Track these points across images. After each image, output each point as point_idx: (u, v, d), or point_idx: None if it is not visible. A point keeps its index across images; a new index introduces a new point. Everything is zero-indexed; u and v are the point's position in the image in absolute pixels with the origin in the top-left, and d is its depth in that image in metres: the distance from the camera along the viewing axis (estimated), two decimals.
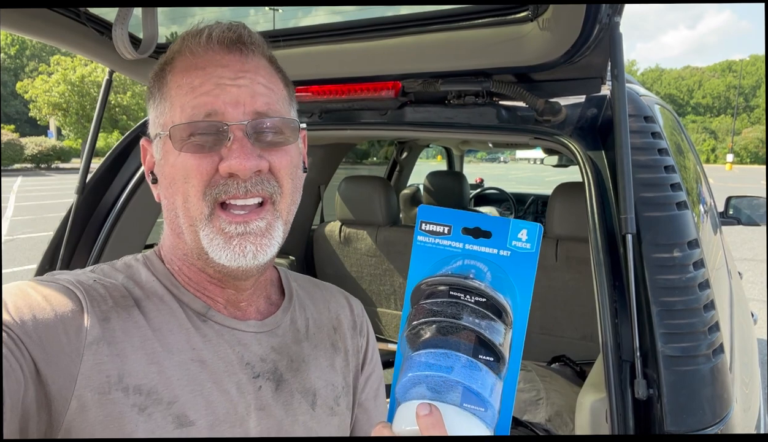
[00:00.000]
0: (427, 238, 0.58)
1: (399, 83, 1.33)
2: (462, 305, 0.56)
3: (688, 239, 0.97)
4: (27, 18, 1.14)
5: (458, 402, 0.54)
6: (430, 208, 0.58)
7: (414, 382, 0.55)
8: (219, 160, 0.69)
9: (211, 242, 0.69)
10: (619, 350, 0.93)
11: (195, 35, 0.72)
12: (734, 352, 1.10)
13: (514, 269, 0.56)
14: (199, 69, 0.70)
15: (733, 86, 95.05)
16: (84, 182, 1.56)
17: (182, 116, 0.70)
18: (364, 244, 2.58)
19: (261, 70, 0.73)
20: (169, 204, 0.74)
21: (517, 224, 0.56)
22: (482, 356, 0.55)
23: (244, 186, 0.69)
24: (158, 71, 0.75)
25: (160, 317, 0.72)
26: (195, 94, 0.69)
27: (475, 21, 1.11)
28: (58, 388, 0.62)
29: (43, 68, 38.79)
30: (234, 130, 0.68)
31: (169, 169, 0.72)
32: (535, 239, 0.56)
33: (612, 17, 0.95)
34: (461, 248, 0.58)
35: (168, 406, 0.67)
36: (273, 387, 0.77)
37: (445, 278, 0.57)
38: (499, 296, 0.56)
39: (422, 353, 0.56)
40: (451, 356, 0.55)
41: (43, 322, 0.63)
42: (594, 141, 1.15)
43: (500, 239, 0.57)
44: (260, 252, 0.70)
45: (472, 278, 0.57)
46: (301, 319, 0.86)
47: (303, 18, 1.43)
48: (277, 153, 0.72)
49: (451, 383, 0.54)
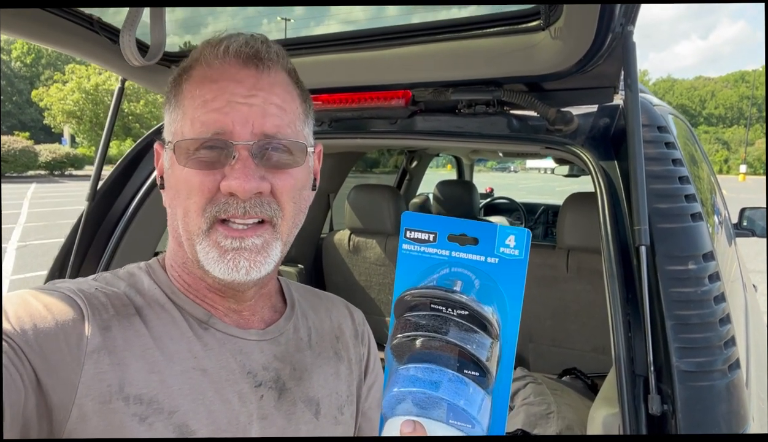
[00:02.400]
0: (412, 246, 0.57)
1: (409, 92, 1.33)
2: (444, 318, 0.54)
3: (703, 251, 0.95)
4: (40, 26, 1.15)
5: (444, 419, 0.53)
6: (413, 215, 0.57)
7: (399, 398, 0.54)
8: (221, 177, 0.68)
9: (207, 255, 0.69)
10: (633, 364, 0.91)
11: (213, 46, 0.71)
12: (750, 367, 1.07)
13: (503, 277, 0.55)
14: (213, 82, 0.70)
15: (746, 97, 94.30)
16: (95, 189, 1.56)
17: (192, 129, 0.69)
18: (373, 253, 2.57)
19: (276, 88, 0.72)
20: (172, 213, 0.74)
21: (504, 229, 0.55)
22: (468, 371, 0.53)
23: (243, 206, 0.68)
24: (176, 77, 0.75)
25: (162, 326, 0.71)
26: (206, 108, 0.69)
27: (486, 30, 1.10)
28: (59, 397, 0.61)
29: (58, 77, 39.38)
30: (239, 149, 0.68)
31: (174, 181, 0.72)
32: (524, 245, 0.55)
33: (625, 26, 0.94)
34: (447, 255, 0.56)
35: (169, 415, 0.66)
36: (275, 396, 0.76)
37: (428, 290, 0.56)
38: (484, 309, 0.55)
39: (409, 367, 0.55)
40: (436, 371, 0.53)
41: (43, 331, 0.62)
42: (606, 151, 1.13)
43: (487, 245, 0.55)
44: (253, 269, 0.70)
45: (455, 291, 0.55)
46: (304, 327, 0.86)
47: (315, 28, 1.43)
48: (281, 175, 0.71)
49: (435, 400, 0.53)
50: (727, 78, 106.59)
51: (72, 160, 27.40)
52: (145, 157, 1.71)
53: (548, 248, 2.22)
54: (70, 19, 1.18)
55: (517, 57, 1.11)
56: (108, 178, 1.67)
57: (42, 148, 26.74)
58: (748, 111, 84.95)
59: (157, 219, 1.74)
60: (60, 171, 26.96)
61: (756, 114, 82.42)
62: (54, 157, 26.38)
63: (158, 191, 1.64)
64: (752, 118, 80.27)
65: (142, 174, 1.70)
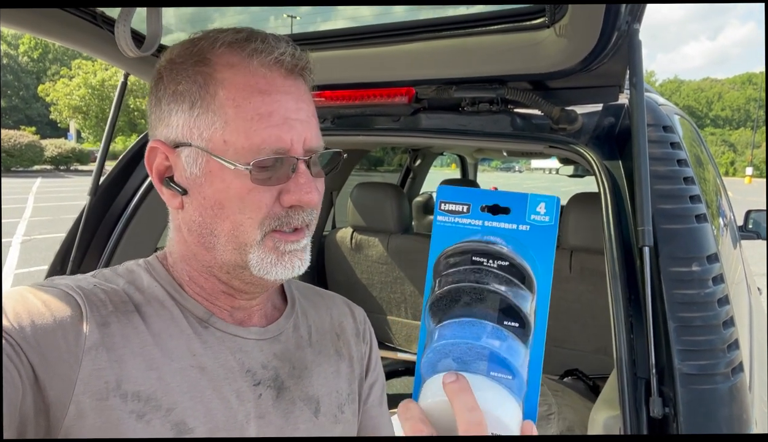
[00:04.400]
0: (446, 217, 0.58)
1: (413, 89, 1.32)
2: (485, 270, 0.55)
3: (708, 253, 0.94)
4: (42, 19, 1.15)
5: (485, 371, 0.53)
6: (449, 188, 0.58)
7: (439, 355, 0.54)
8: (278, 192, 0.69)
9: (263, 260, 0.70)
10: (635, 366, 0.90)
11: (252, 52, 0.68)
12: (754, 370, 1.06)
13: (534, 243, 0.56)
14: (263, 94, 0.67)
15: (754, 99, 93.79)
16: (97, 184, 1.56)
17: (249, 144, 0.66)
18: (376, 251, 2.57)
19: (306, 95, 0.73)
20: (205, 223, 0.70)
21: (535, 197, 0.56)
22: (508, 323, 0.53)
23: (303, 217, 0.71)
24: (205, 79, 0.69)
25: (160, 322, 0.71)
26: (264, 124, 0.67)
27: (490, 27, 1.09)
28: (57, 394, 0.61)
29: (64, 72, 39.52)
30: (300, 164, 0.70)
31: (216, 193, 0.69)
32: (554, 212, 0.56)
33: (631, 24, 0.93)
34: (480, 225, 0.57)
35: (167, 413, 0.66)
36: (274, 395, 0.76)
37: (466, 244, 0.57)
38: (523, 261, 0.55)
39: (446, 324, 0.55)
40: (476, 324, 0.54)
41: (41, 327, 0.62)
42: (611, 150, 1.12)
43: (519, 213, 0.56)
44: (303, 266, 0.74)
45: (495, 242, 0.56)
46: (304, 325, 0.86)
47: (321, 24, 1.43)
48: (320, 183, 0.74)
49: (476, 350, 0.53)
50: (735, 80, 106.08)
51: (77, 155, 27.53)
52: None
53: None
54: (73, 13, 1.18)
55: (521, 55, 1.10)
56: (110, 173, 1.67)
57: (48, 143, 26.88)
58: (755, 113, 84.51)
59: (159, 215, 1.73)
60: (65, 166, 27.10)
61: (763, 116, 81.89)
62: (60, 152, 26.51)
63: None
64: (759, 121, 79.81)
65: (144, 170, 1.70)
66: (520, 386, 0.53)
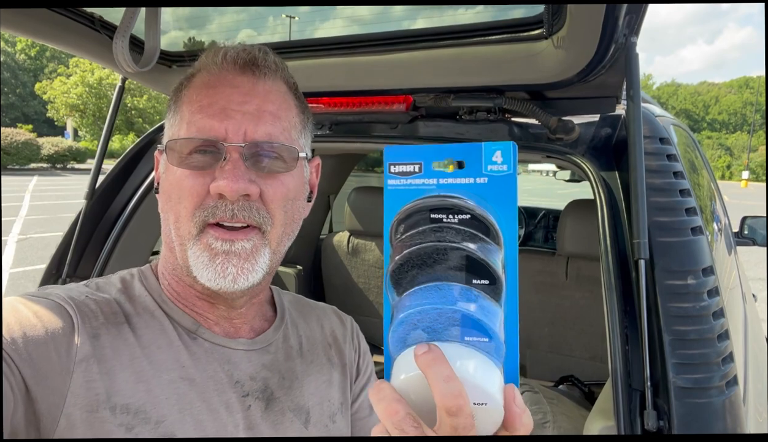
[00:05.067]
0: (397, 180, 0.54)
1: (410, 97, 1.32)
2: (445, 227, 0.50)
3: (703, 266, 0.94)
4: (40, 23, 1.15)
5: (458, 337, 0.48)
6: (396, 148, 0.53)
7: (407, 327, 0.50)
8: (211, 180, 0.68)
9: (197, 260, 0.69)
10: (629, 377, 0.90)
11: (213, 54, 0.72)
12: (748, 383, 1.07)
13: (494, 195, 0.51)
14: (210, 88, 0.71)
15: (750, 103, 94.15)
16: (93, 187, 1.56)
17: (186, 133, 0.70)
18: (372, 255, 2.56)
19: (272, 95, 0.72)
20: (165, 219, 0.74)
21: (489, 146, 0.52)
22: (477, 281, 0.49)
23: (231, 209, 0.68)
24: (178, 86, 0.76)
25: (150, 334, 0.71)
26: (202, 114, 0.69)
27: (488, 37, 1.09)
28: (48, 406, 0.61)
29: (62, 70, 39.41)
30: (230, 150, 0.68)
31: (167, 186, 0.72)
32: (511, 159, 0.51)
33: (628, 36, 0.93)
34: (435, 183, 0.53)
35: (156, 425, 0.66)
36: (262, 406, 0.76)
37: (420, 201, 0.52)
38: (485, 212, 0.51)
39: (409, 293, 0.50)
40: (442, 288, 0.49)
41: (33, 339, 0.62)
42: (607, 161, 1.12)
43: (475, 166, 0.52)
44: (240, 276, 0.69)
45: (451, 196, 0.51)
46: (294, 336, 0.86)
47: (319, 27, 1.43)
48: (272, 181, 0.71)
49: (447, 316, 0.49)
50: (732, 83, 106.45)
51: (74, 153, 27.44)
52: (145, 156, 1.71)
53: (548, 254, 2.21)
54: (70, 17, 1.18)
55: (519, 65, 1.10)
56: (107, 176, 1.66)
57: (45, 141, 26.77)
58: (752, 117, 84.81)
59: (155, 219, 1.72)
60: (62, 164, 26.99)
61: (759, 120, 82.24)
62: (56, 151, 26.41)
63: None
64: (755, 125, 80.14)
65: (141, 172, 1.69)
66: (498, 348, 0.49)
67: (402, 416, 0.45)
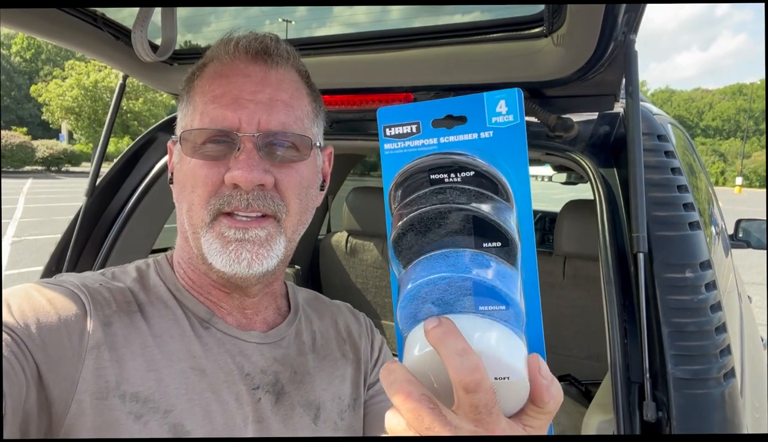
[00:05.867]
0: (394, 144, 0.49)
1: (410, 95, 1.33)
2: (447, 188, 0.45)
3: (701, 259, 0.95)
4: (43, 21, 1.15)
5: (472, 307, 0.43)
6: (390, 109, 0.48)
7: (416, 301, 0.45)
8: (226, 170, 0.68)
9: (210, 247, 0.69)
10: (628, 370, 0.91)
11: (224, 43, 0.73)
12: (745, 377, 1.08)
13: (502, 149, 0.46)
14: (223, 77, 0.71)
15: (744, 109, 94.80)
16: (93, 185, 1.56)
17: (200, 123, 0.70)
18: (371, 255, 2.57)
19: (284, 84, 0.72)
20: (179, 209, 0.75)
21: (491, 95, 0.47)
22: (488, 244, 0.44)
23: (246, 199, 0.68)
24: (190, 76, 0.76)
25: (162, 323, 0.72)
26: (216, 104, 0.70)
27: (488, 35, 1.11)
28: (59, 392, 0.62)
29: (57, 73, 39.29)
30: (244, 141, 0.68)
31: (181, 176, 0.73)
32: (517, 107, 0.46)
33: (627, 34, 0.95)
34: (436, 143, 0.48)
35: (164, 415, 0.66)
36: (273, 400, 0.76)
37: (417, 162, 0.47)
38: (491, 167, 0.45)
39: (415, 264, 0.45)
40: (450, 255, 0.44)
41: (46, 326, 0.63)
42: (606, 158, 1.14)
43: (478, 119, 0.47)
44: (255, 261, 0.69)
45: (450, 154, 0.46)
46: (307, 332, 0.86)
47: (317, 29, 1.43)
48: (286, 170, 0.71)
49: (458, 285, 0.43)
50: (725, 90, 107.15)
51: (69, 156, 27.36)
52: (144, 154, 1.71)
53: (545, 254, 2.22)
54: (74, 15, 1.18)
55: (519, 63, 1.11)
56: (107, 174, 1.66)
57: (39, 143, 26.69)
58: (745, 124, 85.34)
59: (155, 217, 1.73)
60: (57, 167, 26.91)
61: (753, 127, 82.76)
62: (51, 153, 26.33)
63: (157, 188, 1.65)
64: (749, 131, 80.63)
65: (141, 170, 1.69)
66: (517, 315, 0.44)
67: (416, 398, 0.41)
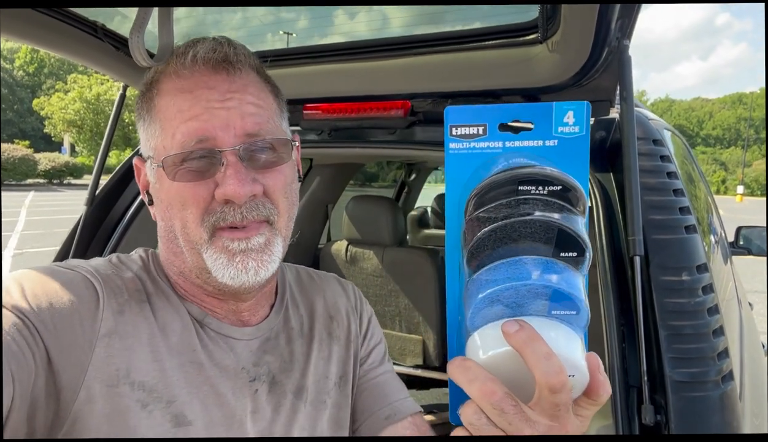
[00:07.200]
0: (460, 144, 0.50)
1: (408, 102, 1.34)
2: (532, 200, 0.47)
3: (697, 262, 0.96)
4: (43, 31, 1.16)
5: (546, 311, 0.47)
6: (459, 109, 0.49)
7: (487, 303, 0.47)
8: (214, 186, 0.68)
9: (215, 261, 0.69)
10: (626, 374, 0.91)
11: (180, 55, 0.71)
12: (744, 381, 1.07)
13: (566, 158, 0.48)
14: (186, 92, 0.70)
15: (744, 118, 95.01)
16: (93, 194, 1.57)
17: (173, 143, 0.69)
18: (370, 264, 2.57)
19: (249, 88, 0.73)
20: (167, 226, 0.74)
21: (561, 106, 0.49)
22: (565, 254, 0.47)
23: (240, 212, 0.69)
24: (145, 92, 0.75)
25: (167, 315, 0.73)
26: (184, 118, 0.69)
27: (484, 42, 1.12)
28: (69, 378, 0.62)
29: (59, 86, 39.56)
30: (227, 155, 0.68)
31: (165, 195, 0.72)
32: (584, 120, 0.48)
33: (621, 40, 0.96)
34: (501, 147, 0.49)
35: (167, 405, 0.67)
36: (267, 390, 0.78)
37: (507, 173, 0.47)
38: (573, 180, 0.47)
39: (490, 268, 0.47)
40: (528, 262, 0.46)
41: (59, 311, 0.63)
42: (602, 163, 1.14)
43: (544, 127, 0.49)
44: (262, 268, 0.70)
45: (538, 165, 0.47)
46: (295, 316, 0.87)
47: (318, 41, 1.45)
48: (271, 174, 0.72)
49: (535, 291, 0.46)
50: (725, 99, 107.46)
51: (71, 169, 27.46)
52: None
53: None
54: (74, 25, 1.20)
55: (514, 70, 1.12)
56: (107, 183, 1.67)
57: (41, 156, 26.81)
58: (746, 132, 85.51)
59: (154, 226, 1.74)
60: (59, 180, 27.01)
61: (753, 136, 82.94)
62: (53, 166, 26.44)
63: None
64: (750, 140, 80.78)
65: None
66: (582, 319, 0.48)
67: (500, 396, 0.45)
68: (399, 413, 0.87)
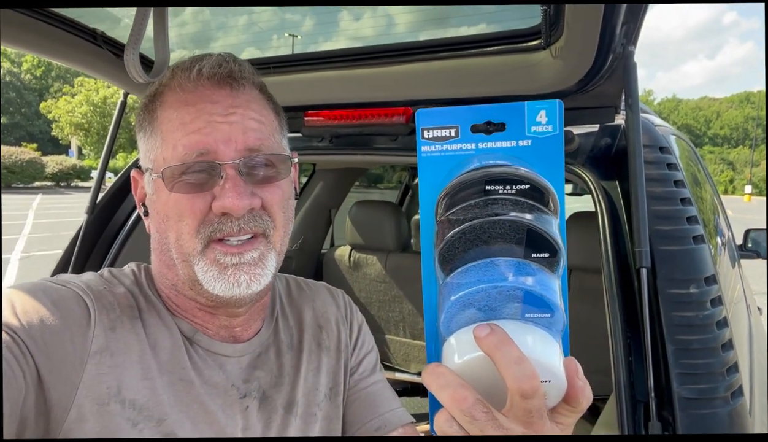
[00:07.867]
0: (432, 147, 0.49)
1: (410, 109, 1.33)
2: (501, 200, 0.46)
3: (705, 274, 0.93)
4: (43, 39, 1.16)
5: (519, 314, 0.45)
6: (430, 111, 0.49)
7: (459, 307, 0.46)
8: (212, 198, 0.69)
9: (206, 274, 0.69)
10: (633, 389, 0.89)
11: (185, 70, 0.72)
12: (754, 395, 1.05)
13: (540, 158, 0.48)
14: (189, 105, 0.70)
15: (752, 117, 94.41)
16: (94, 202, 1.56)
17: (174, 154, 0.69)
18: (374, 269, 2.55)
19: (252, 104, 0.73)
20: (161, 238, 0.74)
21: (533, 105, 0.48)
22: (537, 255, 0.46)
23: (238, 224, 0.69)
24: (147, 103, 0.75)
25: (158, 332, 0.72)
26: (186, 131, 0.69)
27: (487, 48, 1.10)
28: (59, 396, 0.62)
29: (67, 89, 39.83)
30: (227, 168, 0.68)
31: (161, 206, 0.72)
32: (557, 118, 0.48)
33: (626, 46, 0.94)
34: (474, 148, 0.49)
35: (157, 423, 0.67)
36: (257, 406, 0.77)
37: (474, 173, 0.47)
38: (543, 179, 0.47)
39: (461, 271, 0.46)
40: (500, 263, 0.45)
41: (50, 328, 0.63)
42: (607, 171, 1.12)
43: (517, 127, 0.48)
44: (254, 282, 0.70)
45: (509, 164, 0.47)
46: (285, 330, 0.86)
47: (322, 45, 1.44)
48: (269, 189, 0.72)
49: (507, 293, 0.45)
50: (733, 99, 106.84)
51: (78, 171, 27.63)
52: None
53: None
54: (74, 33, 1.19)
55: (518, 76, 1.11)
56: (108, 191, 1.67)
57: (49, 159, 26.99)
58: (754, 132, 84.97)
59: None
60: (66, 182, 27.17)
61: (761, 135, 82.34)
62: (60, 169, 26.61)
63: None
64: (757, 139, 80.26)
65: None
66: (557, 321, 0.46)
67: (471, 403, 0.43)
68: (389, 425, 0.87)
